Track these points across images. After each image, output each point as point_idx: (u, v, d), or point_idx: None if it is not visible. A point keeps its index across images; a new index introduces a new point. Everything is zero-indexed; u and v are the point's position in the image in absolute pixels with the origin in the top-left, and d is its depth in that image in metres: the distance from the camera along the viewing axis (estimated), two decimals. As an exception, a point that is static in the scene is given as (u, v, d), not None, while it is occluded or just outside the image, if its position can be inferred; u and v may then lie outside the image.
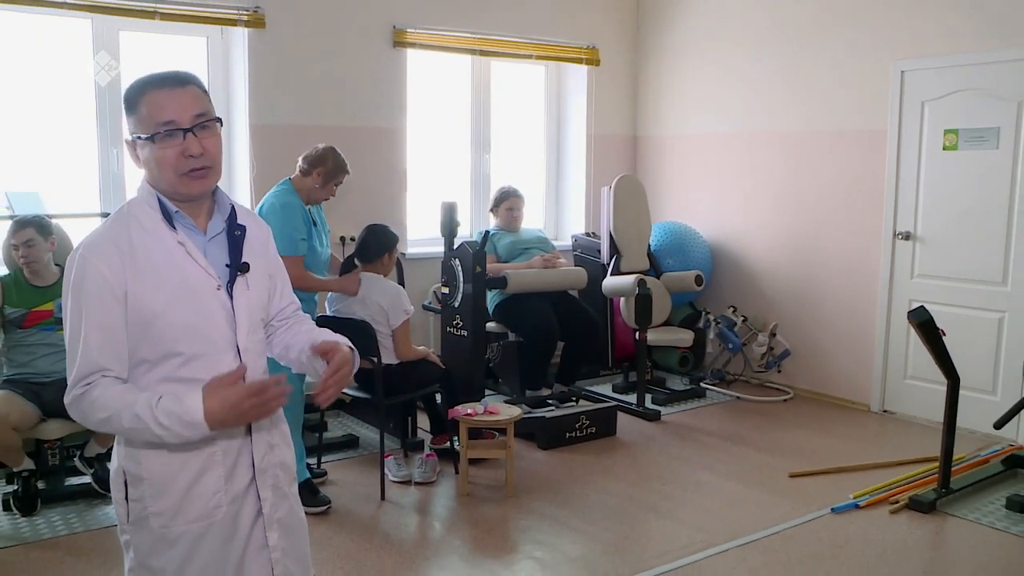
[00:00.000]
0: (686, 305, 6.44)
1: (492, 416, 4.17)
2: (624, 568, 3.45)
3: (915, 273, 5.33)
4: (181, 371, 1.72)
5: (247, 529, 1.83)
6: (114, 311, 1.68)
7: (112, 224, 1.75)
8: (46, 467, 4.06)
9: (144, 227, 1.74)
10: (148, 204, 1.76)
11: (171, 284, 1.71)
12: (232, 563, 1.82)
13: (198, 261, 1.75)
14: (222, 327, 1.76)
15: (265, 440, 1.85)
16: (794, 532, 3.78)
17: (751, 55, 6.09)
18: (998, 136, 4.88)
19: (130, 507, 1.79)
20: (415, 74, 5.89)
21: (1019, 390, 4.75)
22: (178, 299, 1.71)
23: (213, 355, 1.75)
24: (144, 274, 1.70)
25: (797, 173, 5.90)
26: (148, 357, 1.72)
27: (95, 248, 1.70)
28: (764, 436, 5.11)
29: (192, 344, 1.73)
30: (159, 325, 1.70)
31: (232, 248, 1.81)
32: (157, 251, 1.72)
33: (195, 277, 1.74)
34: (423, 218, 5.89)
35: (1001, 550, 3.63)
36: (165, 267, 1.72)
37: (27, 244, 3.92)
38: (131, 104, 1.76)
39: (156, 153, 1.73)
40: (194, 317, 1.73)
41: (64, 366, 3.93)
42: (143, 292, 1.69)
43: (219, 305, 1.76)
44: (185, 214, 1.78)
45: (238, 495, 1.81)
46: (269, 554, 1.86)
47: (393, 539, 3.72)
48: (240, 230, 1.83)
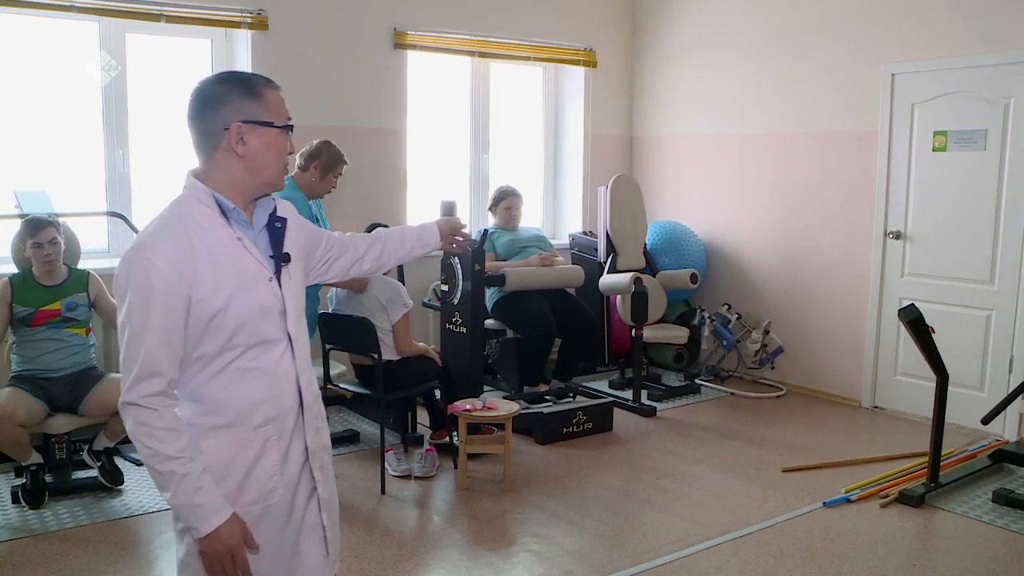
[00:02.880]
0: (681, 303, 6.51)
1: (491, 412, 4.22)
2: (620, 560, 3.50)
3: (905, 272, 5.41)
4: (238, 362, 1.79)
5: (301, 510, 1.92)
6: (177, 314, 1.71)
7: (168, 223, 1.77)
8: (54, 461, 4.11)
9: (200, 225, 1.77)
10: (201, 202, 1.79)
11: (231, 280, 1.76)
12: (289, 543, 1.91)
13: (253, 255, 1.82)
14: (275, 317, 1.83)
15: (314, 424, 1.94)
16: (786, 525, 3.85)
17: (744, 58, 6.16)
18: (986, 138, 4.96)
19: None
20: (415, 75, 5.95)
21: (1006, 386, 4.83)
22: (238, 294, 1.76)
23: (267, 343, 1.82)
24: (205, 272, 1.73)
25: (790, 174, 5.97)
26: (208, 352, 1.76)
27: (157, 249, 1.71)
28: (757, 431, 5.18)
29: (251, 335, 1.79)
30: (220, 320, 1.75)
31: (274, 240, 1.88)
32: (216, 248, 1.77)
33: (251, 270, 1.80)
34: (423, 217, 5.94)
35: (987, 542, 3.71)
36: (224, 263, 1.76)
37: (51, 243, 3.96)
38: (254, 91, 1.79)
39: (280, 143, 1.82)
40: (253, 310, 1.79)
41: (71, 362, 4.06)
42: (206, 291, 1.73)
43: (272, 295, 1.83)
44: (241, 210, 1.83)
45: (293, 478, 1.90)
46: (323, 533, 1.96)
47: (393, 532, 3.77)
48: (281, 222, 1.90)
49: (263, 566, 1.87)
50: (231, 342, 1.77)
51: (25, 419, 3.81)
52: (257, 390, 1.81)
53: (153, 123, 5.20)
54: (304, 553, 1.94)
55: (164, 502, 3.96)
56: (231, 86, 1.78)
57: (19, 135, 4.85)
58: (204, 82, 1.81)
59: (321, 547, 1.96)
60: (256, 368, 1.80)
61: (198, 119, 1.79)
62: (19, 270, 4.10)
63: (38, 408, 3.88)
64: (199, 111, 1.79)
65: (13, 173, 4.79)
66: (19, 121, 4.85)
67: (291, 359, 1.87)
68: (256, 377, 1.80)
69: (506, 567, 3.49)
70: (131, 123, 5.11)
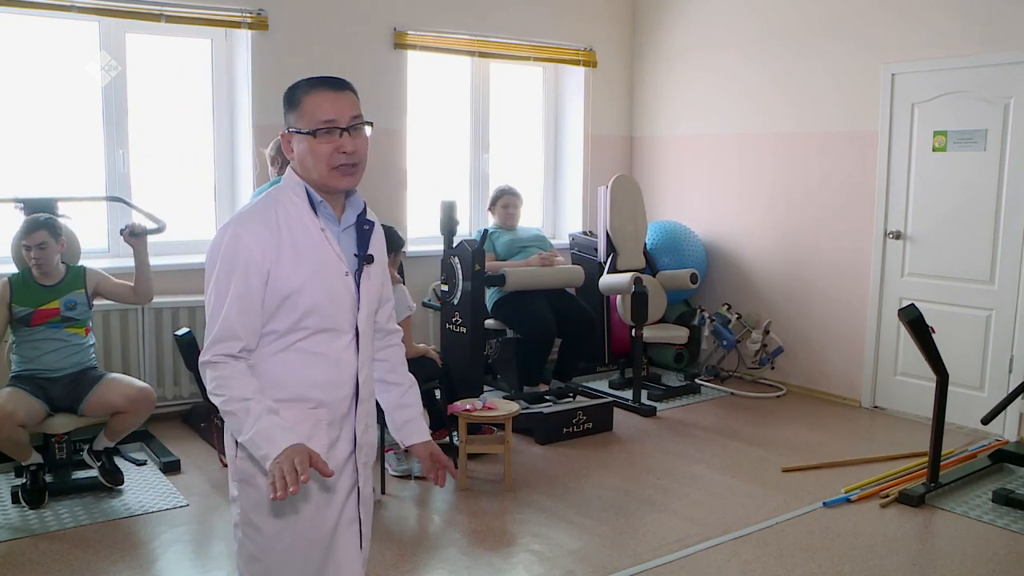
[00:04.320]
0: (681, 303, 6.51)
1: (491, 412, 4.23)
2: (620, 560, 3.50)
3: (905, 272, 5.41)
4: (304, 343, 1.89)
5: (341, 501, 1.99)
6: (256, 287, 1.83)
7: (262, 206, 1.90)
8: (54, 461, 4.11)
9: (289, 212, 1.89)
10: (294, 192, 1.91)
11: (309, 265, 1.87)
12: (327, 531, 1.97)
13: (334, 248, 1.91)
14: (346, 309, 1.92)
15: (365, 419, 2.02)
16: (786, 525, 3.85)
17: (744, 58, 6.17)
18: (986, 138, 4.96)
19: (239, 465, 1.94)
20: (415, 75, 5.96)
21: (1006, 386, 4.83)
22: (314, 279, 1.86)
23: (335, 332, 1.91)
24: (287, 254, 1.85)
25: (790, 174, 5.97)
26: (278, 328, 1.87)
27: (247, 227, 1.85)
28: (757, 431, 5.18)
29: (320, 320, 1.88)
30: (294, 300, 1.85)
31: (360, 240, 1.98)
32: (301, 234, 1.88)
33: (329, 261, 1.90)
34: (423, 217, 5.95)
35: (987, 542, 3.71)
36: (306, 249, 1.87)
37: (40, 247, 3.93)
38: (293, 101, 1.91)
39: (313, 147, 1.88)
40: (325, 297, 1.88)
41: (71, 362, 4.07)
42: (284, 271, 1.84)
43: (346, 289, 1.92)
44: (327, 205, 1.92)
45: (338, 466, 1.96)
46: (359, 527, 2.04)
47: (393, 532, 3.77)
48: (369, 225, 1.99)
49: (296, 552, 1.94)
50: (301, 323, 1.87)
51: (25, 419, 3.81)
52: (318, 373, 1.90)
53: (153, 123, 5.21)
54: (340, 546, 1.98)
55: (164, 502, 3.98)
56: (286, 95, 1.94)
57: (19, 135, 4.86)
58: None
59: (356, 541, 2.03)
60: (320, 353, 1.90)
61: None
62: (19, 270, 4.10)
63: (38, 408, 3.88)
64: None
65: (13, 173, 4.79)
66: (19, 121, 4.86)
67: (355, 351, 1.95)
68: (318, 361, 1.90)
69: (506, 567, 3.49)
70: (131, 123, 5.12)
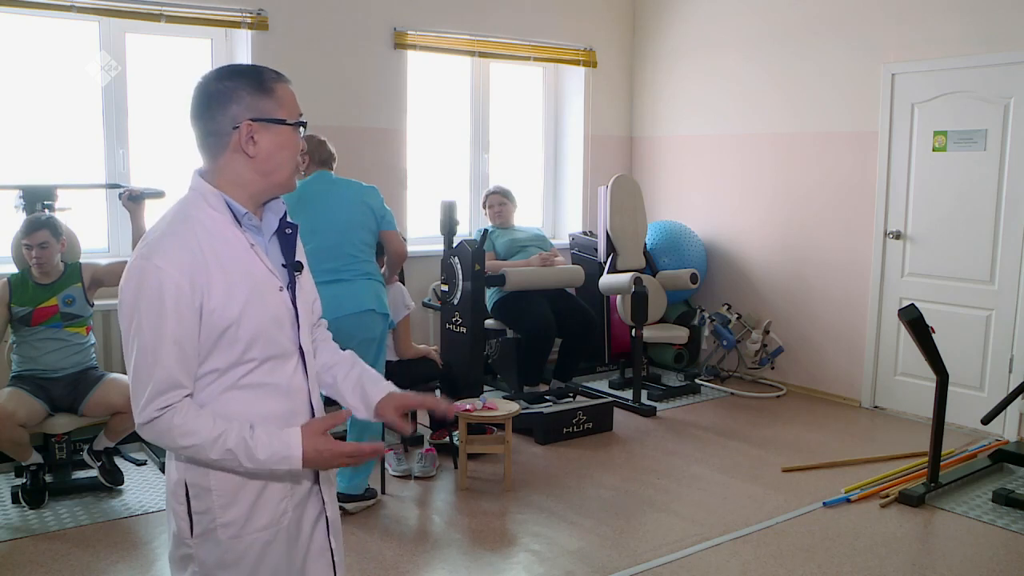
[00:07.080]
0: (681, 303, 6.52)
1: (491, 412, 4.23)
2: (620, 560, 3.51)
3: (905, 272, 5.41)
4: (249, 377, 1.67)
5: (308, 532, 1.81)
6: (190, 325, 1.58)
7: (177, 226, 1.63)
8: (54, 461, 4.12)
9: (208, 229, 1.63)
10: (210, 205, 1.66)
11: (244, 290, 1.63)
12: (296, 567, 1.79)
13: (265, 263, 1.70)
14: (288, 329, 1.71)
15: None
16: (786, 525, 3.85)
17: (744, 58, 6.17)
18: (986, 138, 4.96)
19: (195, 520, 1.69)
20: (415, 75, 5.96)
21: (1006, 386, 4.83)
22: (252, 303, 1.64)
23: (281, 358, 1.71)
24: (217, 281, 1.61)
25: (790, 174, 5.97)
26: (219, 366, 1.64)
27: (168, 256, 1.58)
28: (757, 431, 5.18)
29: (265, 348, 1.66)
30: (234, 333, 1.62)
31: (286, 247, 1.76)
32: (227, 255, 1.64)
33: (263, 279, 1.68)
34: (423, 217, 5.96)
35: (987, 542, 3.71)
36: (236, 272, 1.64)
37: (41, 246, 3.94)
38: (265, 86, 1.66)
39: (292, 141, 1.69)
40: (266, 321, 1.66)
41: (71, 362, 4.06)
42: (218, 301, 1.60)
43: (284, 307, 1.71)
44: (253, 215, 1.71)
45: (302, 499, 1.78)
46: (331, 557, 1.85)
47: (393, 532, 3.77)
48: (292, 228, 1.77)
49: None
50: (245, 356, 1.64)
51: (25, 419, 3.81)
52: (269, 407, 1.69)
53: (153, 123, 5.20)
54: None
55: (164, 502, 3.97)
56: (240, 81, 1.64)
57: (19, 135, 4.85)
58: (208, 76, 1.66)
59: (330, 572, 1.85)
60: (269, 383, 1.68)
61: (204, 117, 1.64)
62: (19, 270, 4.11)
63: (38, 408, 3.88)
64: (205, 108, 1.64)
65: (14, 172, 4.79)
66: (19, 121, 4.85)
67: (303, 375, 1.75)
68: (269, 393, 1.68)
69: (506, 567, 3.49)
70: (131, 123, 5.11)
